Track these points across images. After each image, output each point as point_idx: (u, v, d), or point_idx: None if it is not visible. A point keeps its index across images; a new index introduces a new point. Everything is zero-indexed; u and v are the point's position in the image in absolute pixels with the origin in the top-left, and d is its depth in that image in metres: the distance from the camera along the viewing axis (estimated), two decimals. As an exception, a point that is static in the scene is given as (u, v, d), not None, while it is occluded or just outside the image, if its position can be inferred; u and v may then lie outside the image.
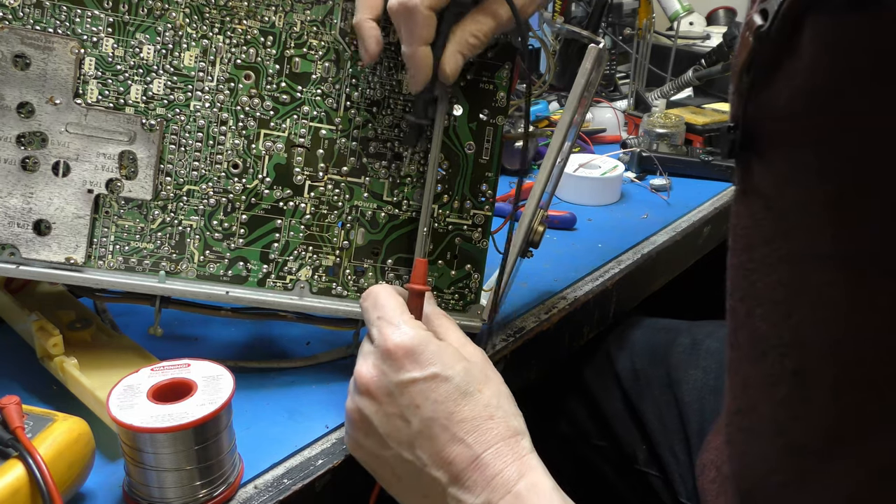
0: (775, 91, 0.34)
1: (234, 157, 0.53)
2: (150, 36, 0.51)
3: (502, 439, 0.43)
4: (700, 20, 1.53)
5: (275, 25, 0.53)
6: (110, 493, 0.45)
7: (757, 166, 0.37)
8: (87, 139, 0.51)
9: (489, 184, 0.56)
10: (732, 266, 0.40)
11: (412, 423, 0.43)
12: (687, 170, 1.01)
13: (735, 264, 0.40)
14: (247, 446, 0.48)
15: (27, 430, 0.41)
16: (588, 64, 0.53)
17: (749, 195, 0.38)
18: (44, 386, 0.53)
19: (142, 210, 0.53)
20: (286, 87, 0.53)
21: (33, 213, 0.50)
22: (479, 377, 0.45)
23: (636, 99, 1.17)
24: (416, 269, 0.50)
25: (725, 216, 0.94)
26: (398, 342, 0.45)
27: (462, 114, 0.55)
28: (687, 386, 0.72)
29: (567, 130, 0.55)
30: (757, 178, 0.37)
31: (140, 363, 0.49)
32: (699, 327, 0.78)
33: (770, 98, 0.35)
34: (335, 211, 0.55)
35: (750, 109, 0.36)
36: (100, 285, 0.52)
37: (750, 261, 0.38)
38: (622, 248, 0.79)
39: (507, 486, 0.42)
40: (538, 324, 0.65)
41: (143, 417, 0.41)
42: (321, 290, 0.56)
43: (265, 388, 0.55)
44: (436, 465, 0.43)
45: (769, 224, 0.36)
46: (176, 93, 0.52)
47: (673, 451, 0.71)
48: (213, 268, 0.54)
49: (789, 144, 0.34)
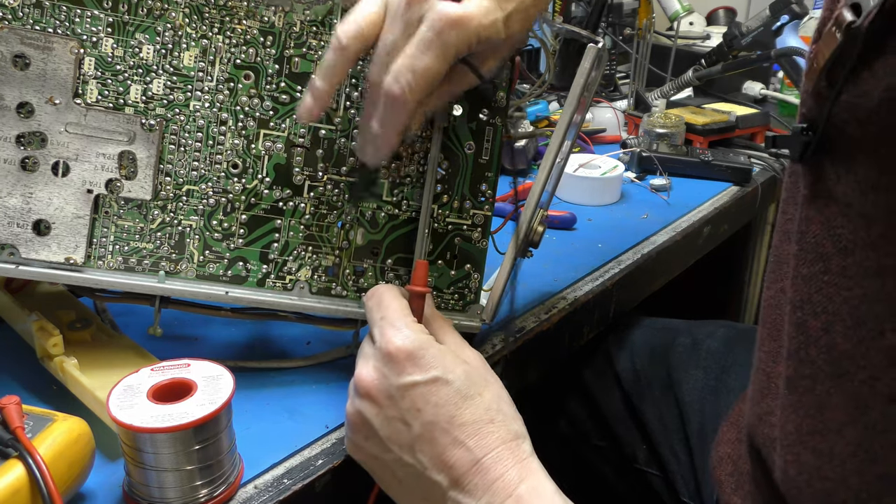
0: (865, 92, 0.32)
1: (233, 157, 0.53)
2: (150, 36, 0.51)
3: (503, 443, 0.43)
4: (700, 20, 1.53)
5: (274, 25, 0.53)
6: (110, 493, 0.45)
7: (832, 170, 0.35)
8: (86, 139, 0.51)
9: (489, 184, 0.56)
10: (802, 277, 0.38)
11: (413, 427, 0.43)
12: (687, 170, 1.01)
13: (805, 275, 0.37)
14: (247, 446, 0.48)
15: (27, 430, 0.41)
16: (587, 64, 0.53)
17: (821, 200, 0.36)
18: (44, 386, 0.53)
19: (141, 210, 0.53)
20: (286, 87, 0.53)
21: (33, 213, 0.50)
22: (480, 381, 0.45)
23: (636, 99, 1.17)
24: (417, 270, 0.50)
25: (725, 216, 0.94)
26: (400, 345, 0.44)
27: (462, 114, 0.55)
28: (687, 386, 0.72)
29: (567, 130, 0.55)
30: (832, 182, 0.35)
31: (140, 363, 0.49)
32: (699, 327, 0.78)
33: (858, 99, 0.33)
34: (335, 211, 0.55)
35: (834, 110, 0.34)
36: (100, 285, 0.52)
37: (825, 272, 0.36)
38: (622, 248, 0.79)
39: (508, 490, 0.42)
40: (538, 324, 0.65)
41: (143, 417, 0.41)
42: (321, 290, 0.55)
43: (265, 388, 0.55)
44: (436, 468, 0.43)
45: (848, 232, 0.34)
46: (175, 93, 0.52)
47: (673, 451, 0.71)
48: (212, 268, 0.54)
49: (879, 148, 0.32)
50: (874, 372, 0.34)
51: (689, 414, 0.71)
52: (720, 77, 1.20)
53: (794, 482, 0.41)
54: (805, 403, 0.39)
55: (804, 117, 0.37)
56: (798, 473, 0.40)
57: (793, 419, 0.40)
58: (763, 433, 0.45)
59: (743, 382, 0.68)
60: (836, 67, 0.34)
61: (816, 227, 0.37)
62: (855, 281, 0.34)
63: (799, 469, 0.40)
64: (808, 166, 0.37)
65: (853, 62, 0.32)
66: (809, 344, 0.38)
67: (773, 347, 0.44)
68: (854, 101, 0.33)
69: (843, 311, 0.35)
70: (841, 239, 0.35)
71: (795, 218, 0.40)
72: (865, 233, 0.34)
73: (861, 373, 0.35)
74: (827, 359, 0.37)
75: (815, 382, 0.38)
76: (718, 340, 0.74)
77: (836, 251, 0.35)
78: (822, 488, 0.39)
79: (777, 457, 0.42)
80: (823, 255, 0.36)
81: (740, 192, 0.98)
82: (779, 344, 0.43)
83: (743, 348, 0.72)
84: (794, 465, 0.41)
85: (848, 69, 0.33)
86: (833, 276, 0.36)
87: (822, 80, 0.35)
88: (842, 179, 0.34)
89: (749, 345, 0.71)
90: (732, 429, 0.56)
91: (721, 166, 1.00)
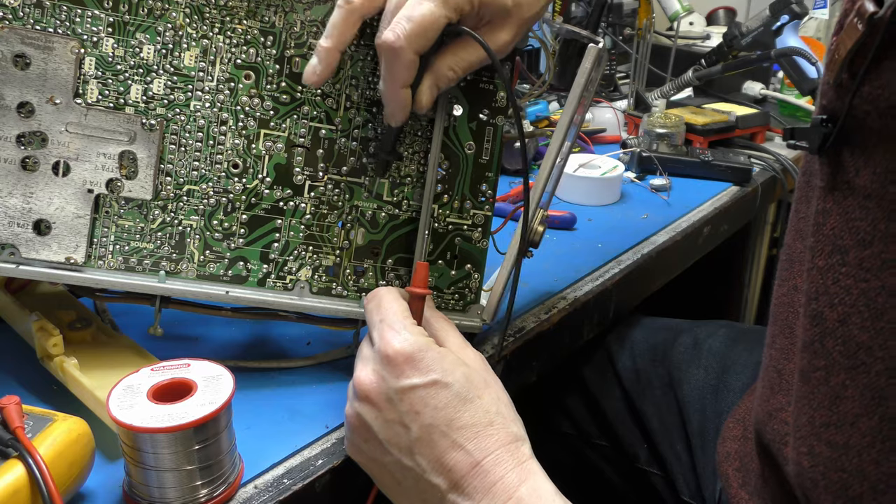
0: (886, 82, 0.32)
1: (234, 157, 0.53)
2: (151, 36, 0.51)
3: (502, 445, 0.43)
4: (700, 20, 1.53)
5: (275, 25, 0.53)
6: (110, 493, 0.45)
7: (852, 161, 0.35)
8: (87, 139, 0.51)
9: (489, 184, 0.56)
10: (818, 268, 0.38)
11: (412, 430, 0.43)
12: (687, 170, 1.01)
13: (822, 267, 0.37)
14: (247, 446, 0.48)
15: (27, 430, 0.41)
16: (587, 64, 0.53)
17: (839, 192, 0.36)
18: (44, 386, 0.53)
19: (142, 210, 0.53)
20: (286, 86, 0.53)
21: (33, 212, 0.50)
22: (479, 383, 0.45)
23: (636, 99, 1.17)
24: (417, 272, 0.50)
25: (725, 216, 0.94)
26: (398, 348, 0.44)
27: (462, 114, 0.55)
28: (688, 385, 0.72)
29: (567, 130, 0.55)
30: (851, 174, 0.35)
31: (140, 363, 0.49)
32: (700, 327, 0.78)
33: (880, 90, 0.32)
34: (335, 211, 0.55)
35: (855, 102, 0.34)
36: (100, 285, 0.52)
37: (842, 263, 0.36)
38: (622, 248, 0.80)
39: (508, 492, 0.41)
40: (538, 324, 0.65)
41: (143, 417, 0.41)
42: (321, 290, 0.55)
43: (265, 388, 0.55)
44: (435, 471, 0.43)
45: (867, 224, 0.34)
46: (176, 93, 0.52)
47: (674, 451, 0.71)
48: (213, 268, 0.54)
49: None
50: (892, 363, 0.34)
51: (689, 413, 0.71)
52: (720, 77, 1.20)
53: (808, 475, 0.41)
54: (819, 395, 0.39)
55: (824, 108, 0.37)
56: (812, 466, 0.40)
57: (806, 411, 0.40)
58: (773, 429, 0.45)
59: (744, 382, 0.68)
60: (858, 58, 0.33)
61: (834, 218, 0.36)
62: (873, 273, 0.34)
63: (813, 461, 0.40)
64: (827, 158, 0.37)
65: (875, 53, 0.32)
66: (825, 335, 0.38)
67: (786, 344, 0.44)
68: (875, 92, 0.33)
69: (860, 303, 0.35)
70: (859, 231, 0.35)
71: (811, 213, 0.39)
72: (884, 224, 0.33)
73: (878, 364, 0.35)
74: (843, 350, 0.37)
75: (829, 374, 0.38)
76: (719, 340, 0.74)
77: (854, 243, 0.35)
78: (837, 480, 0.39)
79: (790, 450, 0.42)
80: (841, 248, 0.36)
81: (740, 192, 0.98)
82: (791, 341, 0.43)
83: (744, 348, 0.72)
84: (807, 458, 0.41)
85: (870, 60, 0.33)
86: (850, 268, 0.35)
87: (843, 71, 0.34)
88: (861, 171, 0.34)
89: (750, 345, 0.72)
90: (738, 425, 0.56)
91: (721, 166, 1.00)
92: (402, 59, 0.47)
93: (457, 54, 0.50)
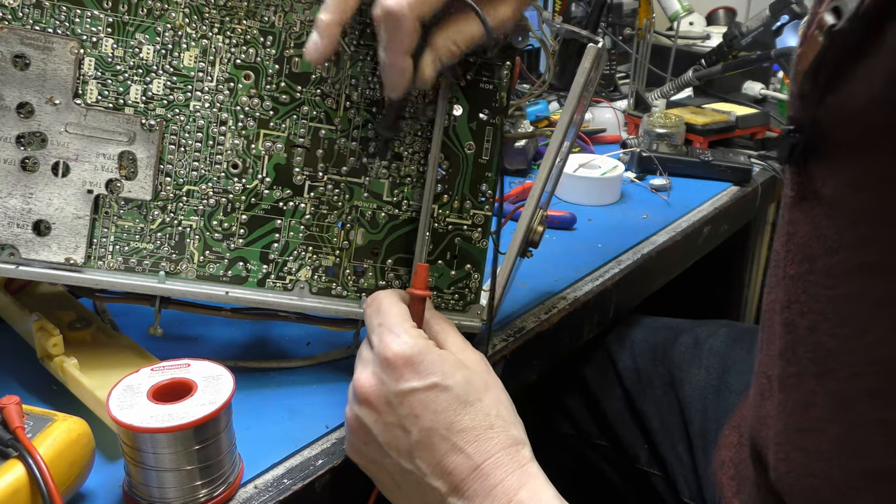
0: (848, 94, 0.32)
1: (233, 158, 0.53)
2: (150, 36, 0.51)
3: (502, 448, 0.43)
4: (700, 20, 1.53)
5: (274, 25, 0.53)
6: (110, 493, 0.45)
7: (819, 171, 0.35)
8: (86, 139, 0.51)
9: (489, 184, 0.56)
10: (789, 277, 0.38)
11: (411, 433, 0.43)
12: (687, 170, 1.01)
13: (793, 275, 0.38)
14: (247, 446, 0.48)
15: (27, 430, 0.41)
16: (587, 63, 0.53)
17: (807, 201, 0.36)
18: (44, 386, 0.53)
19: (141, 210, 0.53)
20: (286, 87, 0.53)
21: (33, 213, 0.50)
22: (479, 386, 0.45)
23: (636, 99, 1.17)
24: (418, 273, 0.50)
25: (725, 216, 0.94)
26: (397, 351, 0.44)
27: (462, 114, 0.55)
28: (689, 385, 0.72)
29: (566, 130, 0.55)
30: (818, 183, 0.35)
31: (140, 363, 0.49)
32: (701, 326, 0.77)
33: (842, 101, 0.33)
34: (335, 211, 0.55)
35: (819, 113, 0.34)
36: (100, 285, 0.52)
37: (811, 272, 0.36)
38: (622, 248, 0.79)
39: (508, 496, 0.41)
40: (538, 324, 0.65)
41: (143, 417, 0.41)
42: (321, 290, 0.55)
43: (265, 388, 0.55)
44: (435, 474, 0.43)
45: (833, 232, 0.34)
46: (175, 93, 0.52)
47: (675, 451, 0.71)
48: (212, 268, 0.54)
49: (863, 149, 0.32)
50: (857, 368, 0.34)
51: (690, 413, 0.70)
52: (720, 77, 1.20)
53: (784, 480, 0.41)
54: (792, 402, 0.39)
55: (791, 119, 0.37)
56: (788, 471, 0.41)
57: (782, 417, 0.41)
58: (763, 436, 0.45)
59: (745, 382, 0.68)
60: (820, 70, 0.34)
61: (804, 227, 0.37)
62: (839, 280, 0.35)
63: (788, 467, 0.41)
64: (796, 168, 0.37)
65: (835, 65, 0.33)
66: (797, 343, 0.38)
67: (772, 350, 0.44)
68: (838, 102, 0.33)
69: (828, 311, 0.36)
70: (826, 239, 0.35)
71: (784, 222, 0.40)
72: (851, 233, 0.34)
73: (844, 370, 0.35)
74: (813, 357, 0.37)
75: (801, 381, 0.38)
76: (720, 340, 0.74)
77: (822, 251, 0.35)
78: (809, 485, 0.39)
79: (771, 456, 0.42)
80: (810, 256, 0.36)
81: (740, 192, 0.98)
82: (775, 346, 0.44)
83: (744, 348, 0.72)
84: (784, 464, 0.41)
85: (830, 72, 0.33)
86: (819, 276, 0.36)
87: (806, 82, 0.35)
88: (827, 181, 0.35)
89: (750, 345, 0.72)
90: (734, 432, 0.56)
91: (721, 166, 1.00)
92: (404, 26, 0.45)
93: (458, 26, 0.48)
